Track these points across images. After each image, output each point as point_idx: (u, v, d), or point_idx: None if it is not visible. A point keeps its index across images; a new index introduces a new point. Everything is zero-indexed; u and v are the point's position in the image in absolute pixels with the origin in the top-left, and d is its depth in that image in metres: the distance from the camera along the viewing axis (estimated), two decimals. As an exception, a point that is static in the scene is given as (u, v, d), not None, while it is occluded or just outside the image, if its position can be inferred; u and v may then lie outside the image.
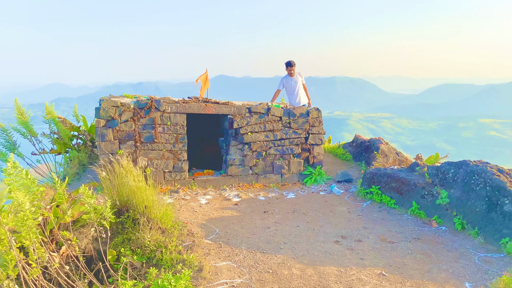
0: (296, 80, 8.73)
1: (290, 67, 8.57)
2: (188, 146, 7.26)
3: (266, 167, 7.42)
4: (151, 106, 6.66)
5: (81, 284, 3.37)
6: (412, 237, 4.94)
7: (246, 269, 3.99)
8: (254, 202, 6.39)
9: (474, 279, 3.87)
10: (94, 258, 4.03)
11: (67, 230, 3.86)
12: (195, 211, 5.84)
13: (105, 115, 6.47)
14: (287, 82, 8.72)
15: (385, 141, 8.19)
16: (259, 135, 7.28)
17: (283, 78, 8.81)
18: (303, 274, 3.91)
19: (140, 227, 4.14)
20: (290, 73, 8.58)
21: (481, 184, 5.01)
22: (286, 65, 8.62)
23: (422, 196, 5.71)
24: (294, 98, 8.74)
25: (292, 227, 5.25)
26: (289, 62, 8.62)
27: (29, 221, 2.70)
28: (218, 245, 4.57)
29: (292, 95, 8.77)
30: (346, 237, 4.93)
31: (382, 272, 4.00)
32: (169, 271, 3.64)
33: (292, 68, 8.59)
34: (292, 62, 8.62)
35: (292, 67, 8.57)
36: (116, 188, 4.38)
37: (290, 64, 8.59)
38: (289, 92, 8.80)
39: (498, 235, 4.59)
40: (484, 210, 4.86)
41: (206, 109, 6.99)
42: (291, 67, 8.56)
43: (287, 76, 8.71)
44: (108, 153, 6.54)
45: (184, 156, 6.97)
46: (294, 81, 8.72)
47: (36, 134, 7.91)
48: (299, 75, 8.78)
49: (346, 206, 6.19)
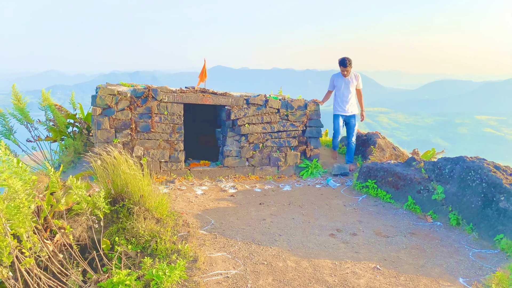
0: (349, 82, 7.26)
1: (343, 67, 7.11)
2: (185, 136, 7.22)
3: (263, 159, 7.40)
4: (148, 95, 6.60)
5: (75, 273, 3.35)
6: (407, 232, 4.95)
7: (241, 260, 3.99)
8: (250, 193, 6.38)
9: (468, 274, 3.89)
10: (88, 247, 4.01)
11: (62, 218, 3.84)
12: (191, 201, 5.83)
13: (101, 103, 6.42)
14: (338, 81, 7.32)
15: (382, 136, 8.19)
16: (257, 127, 7.25)
17: (334, 75, 7.45)
18: (298, 267, 3.91)
19: (135, 216, 4.11)
20: (344, 73, 7.20)
21: (477, 180, 5.02)
22: (339, 63, 7.16)
23: (418, 191, 5.72)
24: (341, 103, 7.37)
25: (288, 220, 5.24)
26: (343, 61, 7.08)
27: (24, 209, 2.67)
28: (213, 236, 4.56)
29: (341, 98, 7.37)
30: (341, 230, 4.93)
31: (376, 266, 4.01)
32: (164, 261, 3.63)
33: (346, 69, 7.10)
34: (347, 60, 7.06)
35: (347, 68, 7.08)
36: (110, 177, 4.35)
37: (343, 63, 7.08)
38: (337, 95, 7.41)
39: (492, 231, 4.60)
40: (479, 206, 4.87)
41: (204, 100, 6.94)
42: (344, 67, 7.09)
43: (339, 74, 7.34)
44: (104, 142, 6.50)
45: (180, 146, 6.93)
46: (346, 82, 7.27)
47: (32, 121, 7.85)
48: (355, 78, 7.30)
49: (342, 199, 6.19)
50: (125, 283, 3.17)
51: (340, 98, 7.33)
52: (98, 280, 3.35)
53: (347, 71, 7.08)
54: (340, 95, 7.30)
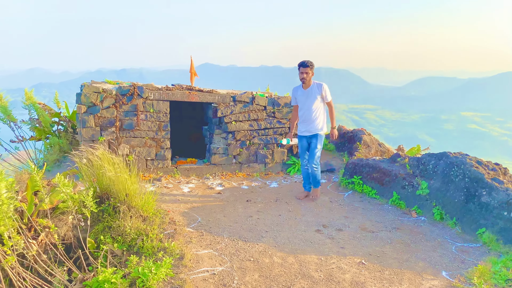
0: (311, 94, 5.67)
1: (303, 67, 5.55)
2: (172, 134, 7.20)
3: (250, 156, 7.41)
4: (133, 92, 6.56)
5: (60, 272, 3.33)
6: (392, 227, 5.02)
7: (228, 257, 4.00)
8: (237, 191, 6.39)
9: (451, 268, 3.96)
10: (74, 246, 3.98)
11: (46, 217, 3.80)
12: (178, 199, 5.82)
13: (86, 101, 6.36)
14: (298, 95, 5.83)
15: (368, 132, 8.26)
16: (243, 124, 7.26)
17: (294, 88, 5.95)
18: (284, 263, 3.94)
19: (121, 215, 4.10)
20: (303, 79, 5.59)
21: (460, 176, 5.10)
22: (299, 66, 5.62)
23: (402, 186, 5.79)
24: (303, 122, 5.84)
25: (274, 216, 5.27)
26: (302, 62, 5.56)
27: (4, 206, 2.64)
28: (200, 233, 4.57)
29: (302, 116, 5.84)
30: (327, 226, 4.98)
31: (361, 260, 4.06)
32: (150, 259, 3.63)
33: (306, 70, 5.53)
34: (307, 62, 5.53)
35: (307, 68, 5.52)
36: (96, 176, 4.32)
37: (302, 64, 5.54)
38: (300, 109, 5.86)
39: (475, 225, 4.69)
40: (462, 201, 4.96)
41: (190, 97, 6.93)
42: (304, 67, 5.54)
43: (299, 87, 5.83)
44: (89, 140, 6.44)
45: (167, 144, 6.91)
46: (307, 95, 5.70)
47: (16, 120, 7.73)
48: (318, 89, 5.65)
49: (328, 195, 6.24)
50: (110, 281, 3.16)
51: (301, 116, 5.84)
52: (84, 279, 3.33)
53: (307, 73, 5.52)
54: (301, 112, 5.81)
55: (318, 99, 5.66)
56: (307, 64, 5.50)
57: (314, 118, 5.71)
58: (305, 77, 5.55)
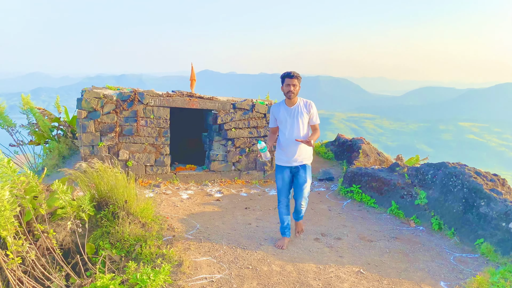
0: (297, 114, 4.38)
1: (288, 78, 4.26)
2: (171, 140, 7.21)
3: (249, 163, 7.42)
4: (134, 98, 6.59)
5: (58, 277, 3.32)
6: (391, 236, 5.02)
7: (226, 264, 3.99)
8: (236, 198, 6.39)
9: (449, 278, 3.96)
10: (72, 251, 3.97)
11: (45, 222, 3.79)
12: (176, 206, 5.81)
13: (87, 106, 6.37)
14: (280, 114, 4.45)
15: (367, 141, 8.29)
16: (243, 131, 7.28)
17: (274, 106, 4.57)
18: (283, 271, 3.94)
19: (120, 221, 4.09)
20: (289, 91, 4.26)
21: (459, 186, 5.12)
22: (283, 77, 4.33)
23: (401, 196, 5.80)
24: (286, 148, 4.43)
25: (273, 224, 5.26)
26: (288, 73, 4.29)
27: (6, 212, 2.65)
28: (199, 240, 4.56)
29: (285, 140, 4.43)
30: (326, 235, 4.98)
31: (360, 270, 4.06)
32: (148, 265, 3.62)
33: (293, 81, 4.25)
34: (293, 72, 4.28)
35: (294, 80, 4.26)
36: (95, 182, 4.33)
37: (288, 75, 4.27)
38: (280, 135, 4.54)
39: (473, 236, 4.69)
40: (460, 211, 4.97)
41: (190, 104, 6.95)
42: (290, 78, 4.25)
43: (281, 104, 4.48)
44: (89, 145, 6.45)
45: (166, 150, 6.92)
46: (292, 114, 4.38)
47: (14, 124, 7.74)
48: (307, 108, 4.40)
49: (326, 204, 6.25)
50: (109, 287, 3.15)
51: (283, 141, 4.46)
52: (82, 284, 3.32)
53: (294, 85, 4.27)
54: (283, 135, 4.45)
55: (306, 119, 4.40)
56: (294, 75, 4.26)
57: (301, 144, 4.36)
58: (292, 90, 4.25)
